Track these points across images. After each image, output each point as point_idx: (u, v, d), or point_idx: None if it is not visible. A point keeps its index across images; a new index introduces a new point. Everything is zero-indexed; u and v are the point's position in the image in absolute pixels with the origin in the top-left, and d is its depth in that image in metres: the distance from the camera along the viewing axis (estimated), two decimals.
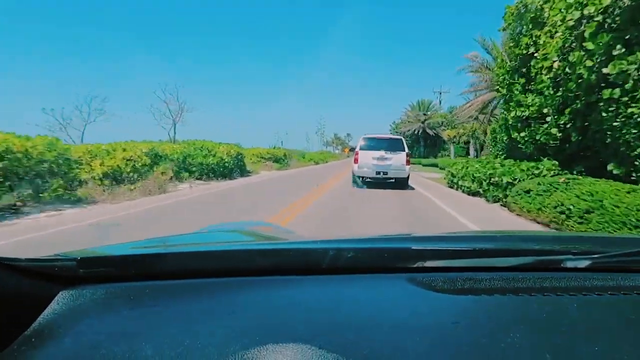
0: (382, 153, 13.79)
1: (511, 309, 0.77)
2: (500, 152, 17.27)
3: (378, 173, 13.77)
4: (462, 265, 0.93)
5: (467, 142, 43.89)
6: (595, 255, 0.92)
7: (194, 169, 16.96)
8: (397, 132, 58.17)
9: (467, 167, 13.74)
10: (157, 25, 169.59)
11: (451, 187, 15.67)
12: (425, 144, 53.97)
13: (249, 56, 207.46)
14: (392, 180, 14.28)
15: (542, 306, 0.77)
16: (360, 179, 14.35)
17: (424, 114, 52.93)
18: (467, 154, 50.56)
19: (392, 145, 14.14)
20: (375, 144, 14.09)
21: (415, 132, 52.60)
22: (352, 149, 16.13)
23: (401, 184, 14.28)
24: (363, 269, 0.90)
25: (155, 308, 0.73)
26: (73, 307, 0.72)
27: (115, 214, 8.29)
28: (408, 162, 14.03)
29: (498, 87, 15.49)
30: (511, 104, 13.12)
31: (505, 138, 15.48)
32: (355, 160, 14.11)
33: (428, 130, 51.98)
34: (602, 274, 0.90)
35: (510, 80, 13.45)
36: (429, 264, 0.92)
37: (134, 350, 0.60)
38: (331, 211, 8.76)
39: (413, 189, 14.68)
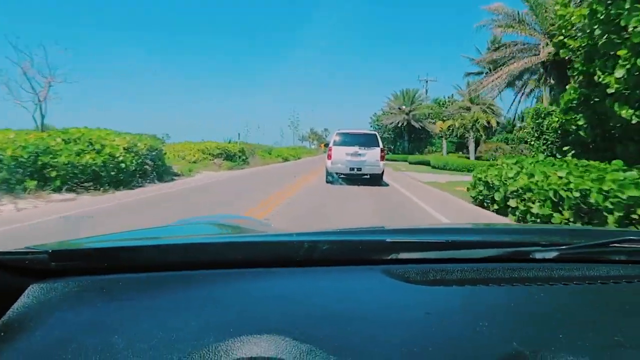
0: (356, 149, 13.26)
1: (481, 299, 0.78)
2: (554, 147, 11.02)
3: (352, 169, 13.32)
4: (435, 257, 0.93)
5: (462, 136, 37.80)
6: (563, 247, 0.95)
7: (53, 173, 10.09)
8: (378, 126, 51.97)
9: (532, 176, 7.22)
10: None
11: (482, 207, 9.30)
12: (410, 138, 47.87)
13: (220, 48, 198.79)
14: (366, 177, 13.66)
15: (511, 296, 0.79)
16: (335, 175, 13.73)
17: (409, 105, 46.72)
18: (459, 150, 44.82)
19: (366, 140, 13.62)
20: (349, 139, 13.57)
21: (399, 125, 46.40)
22: (328, 145, 15.08)
23: (376, 180, 13.78)
24: (338, 261, 0.91)
25: (128, 301, 0.73)
26: (44, 300, 0.71)
27: None
28: (382, 158, 13.64)
29: (561, 37, 9.14)
30: (623, 52, 6.76)
31: (580, 122, 9.10)
32: (329, 157, 13.55)
33: (413, 123, 45.84)
34: (568, 264, 0.93)
35: (615, 12, 7.06)
36: (403, 256, 0.93)
37: (106, 343, 0.59)
38: None
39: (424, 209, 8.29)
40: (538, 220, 6.64)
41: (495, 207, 8.51)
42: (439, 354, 0.58)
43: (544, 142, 11.46)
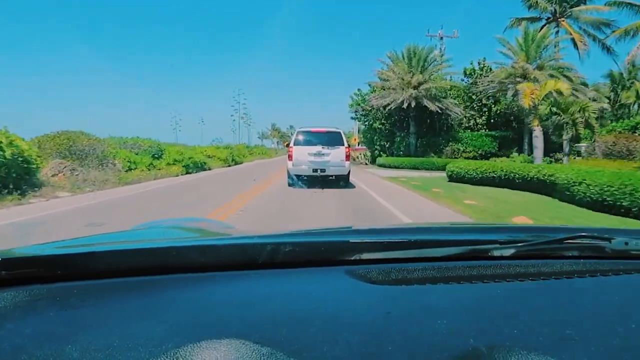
0: (319, 148, 12.31)
1: (441, 297, 0.80)
2: None
3: (315, 171, 12.34)
4: (397, 257, 0.95)
5: (567, 120, 18.83)
6: (519, 244, 0.97)
7: None
8: (363, 111, 32.53)
9: None
10: None
11: None
12: (421, 129, 28.71)
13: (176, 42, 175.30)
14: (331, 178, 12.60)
15: (470, 293, 0.81)
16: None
17: (419, 72, 27.51)
18: (504, 147, 26.26)
19: (330, 139, 12.51)
20: (311, 138, 12.59)
21: (403, 106, 27.09)
22: (289, 144, 12.63)
23: (342, 181, 12.72)
24: (301, 262, 0.91)
25: (84, 309, 0.71)
26: None
27: None
28: (348, 158, 12.58)
29: None
30: None
31: None
32: (290, 157, 12.56)
33: (427, 103, 26.58)
34: (525, 261, 0.95)
35: None
36: (366, 256, 0.94)
37: (59, 353, 0.57)
38: None
39: None
40: None
41: None
42: (398, 354, 0.58)
43: None
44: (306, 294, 0.79)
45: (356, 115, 32.53)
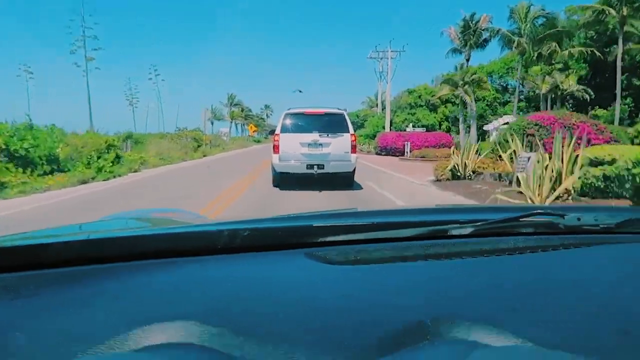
0: (315, 136, 9.52)
1: (398, 277, 0.82)
2: None
3: (310, 167, 9.53)
4: (357, 239, 0.96)
5: None
6: (478, 223, 0.98)
7: None
8: None
9: None
10: None
11: None
12: None
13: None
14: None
15: (425, 271, 0.84)
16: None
17: None
18: None
19: (329, 124, 9.68)
20: (304, 122, 9.77)
21: None
22: (272, 132, 11.35)
23: (345, 182, 9.98)
24: (260, 247, 0.91)
25: (34, 298, 0.72)
26: None
27: None
28: (354, 149, 9.69)
29: None
30: None
31: None
32: (276, 149, 9.69)
33: None
34: (481, 238, 0.97)
35: None
36: (325, 239, 0.94)
37: (3, 341, 0.59)
38: None
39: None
40: None
41: None
42: (351, 331, 0.59)
43: None
44: (263, 277, 0.80)
45: None
